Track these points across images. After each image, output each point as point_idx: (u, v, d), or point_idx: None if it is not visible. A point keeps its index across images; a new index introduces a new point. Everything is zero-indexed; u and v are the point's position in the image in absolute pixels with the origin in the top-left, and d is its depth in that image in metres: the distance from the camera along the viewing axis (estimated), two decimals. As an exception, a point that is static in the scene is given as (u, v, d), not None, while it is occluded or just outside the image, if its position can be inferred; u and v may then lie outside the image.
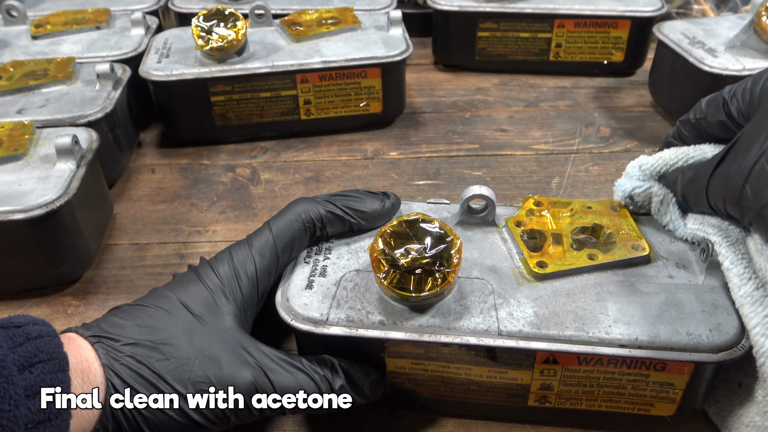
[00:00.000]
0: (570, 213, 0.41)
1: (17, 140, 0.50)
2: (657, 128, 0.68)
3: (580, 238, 0.39)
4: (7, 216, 0.44)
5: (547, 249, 0.38)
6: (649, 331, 0.34)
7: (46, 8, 0.77)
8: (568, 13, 0.73)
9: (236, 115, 0.65)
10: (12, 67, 0.61)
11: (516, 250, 0.39)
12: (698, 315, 0.35)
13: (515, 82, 0.77)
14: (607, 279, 0.37)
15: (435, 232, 0.36)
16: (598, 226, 0.40)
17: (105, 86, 0.59)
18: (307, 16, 0.69)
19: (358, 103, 0.66)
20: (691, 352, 0.34)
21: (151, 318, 0.35)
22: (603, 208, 0.42)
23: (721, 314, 0.35)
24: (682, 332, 0.34)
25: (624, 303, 0.36)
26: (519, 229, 0.40)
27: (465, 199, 0.40)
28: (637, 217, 0.42)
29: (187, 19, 0.70)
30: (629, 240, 0.39)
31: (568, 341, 0.34)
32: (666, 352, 0.34)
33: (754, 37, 0.61)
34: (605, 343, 0.34)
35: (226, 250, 0.39)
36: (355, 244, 0.40)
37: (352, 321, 0.35)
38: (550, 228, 0.40)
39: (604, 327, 0.34)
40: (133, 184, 0.62)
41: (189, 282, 0.37)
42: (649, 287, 0.37)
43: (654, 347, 0.34)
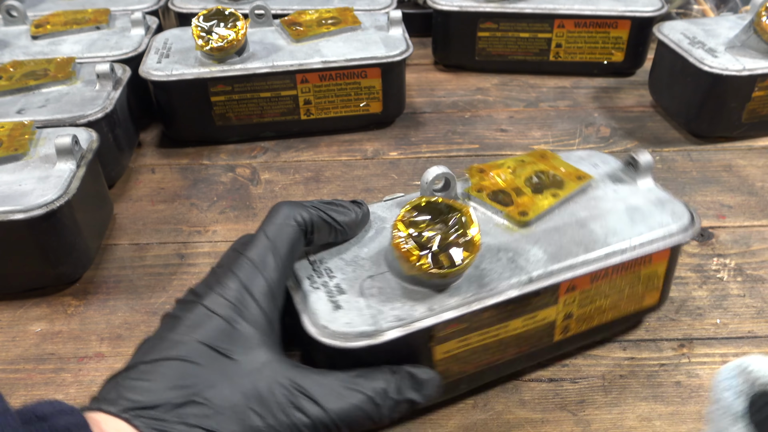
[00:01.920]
0: (511, 170, 0.44)
1: (17, 140, 0.50)
2: (657, 128, 0.68)
3: (535, 184, 0.43)
4: (7, 216, 0.44)
5: (516, 200, 0.42)
6: (634, 233, 0.40)
7: (46, 8, 0.77)
8: (568, 13, 0.73)
9: (236, 115, 0.65)
10: (12, 67, 0.61)
11: (492, 210, 0.42)
12: (655, 210, 0.41)
13: (515, 82, 0.77)
14: (574, 208, 0.42)
15: (444, 207, 0.37)
16: (541, 171, 0.44)
17: (105, 86, 0.59)
18: (307, 16, 0.69)
19: (358, 103, 0.66)
20: (670, 238, 0.40)
21: (177, 372, 0.30)
22: (533, 158, 0.46)
23: (668, 204, 0.42)
24: (655, 226, 0.40)
25: (601, 221, 0.41)
26: (482, 194, 0.42)
27: (428, 182, 0.41)
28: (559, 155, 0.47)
29: (187, 19, 0.70)
30: (570, 174, 0.44)
31: (583, 265, 0.38)
32: (654, 244, 0.39)
33: (754, 37, 0.61)
34: (611, 255, 0.38)
35: (226, 271, 0.34)
36: (348, 255, 0.39)
37: (402, 319, 0.35)
38: (505, 185, 0.43)
39: (601, 243, 0.39)
40: (133, 184, 0.62)
41: (200, 318, 0.32)
42: (608, 203, 0.42)
43: (645, 244, 0.39)
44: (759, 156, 0.63)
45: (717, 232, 0.54)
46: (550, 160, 0.45)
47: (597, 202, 0.42)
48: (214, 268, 0.35)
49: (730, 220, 0.55)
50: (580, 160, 0.47)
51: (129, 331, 0.46)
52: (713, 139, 0.65)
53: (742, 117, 0.63)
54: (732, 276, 0.49)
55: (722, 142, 0.65)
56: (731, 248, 0.52)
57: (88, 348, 0.45)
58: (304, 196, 0.59)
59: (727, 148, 0.64)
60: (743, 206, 0.57)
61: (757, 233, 0.54)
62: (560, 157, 0.46)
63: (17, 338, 0.46)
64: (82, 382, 0.42)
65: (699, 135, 0.66)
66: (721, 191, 0.59)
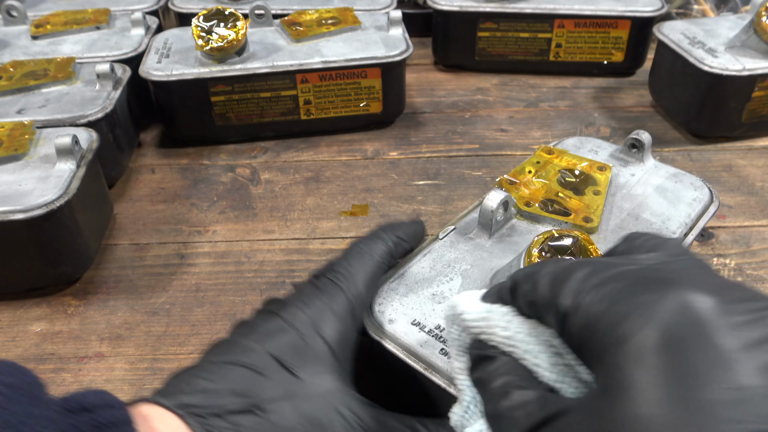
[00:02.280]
0: (533, 173, 0.45)
1: (17, 140, 0.50)
2: (657, 128, 0.68)
3: (568, 184, 0.44)
4: (7, 216, 0.44)
5: (569, 206, 0.42)
6: (682, 214, 0.43)
7: (46, 8, 0.77)
8: (568, 13, 0.73)
9: (236, 115, 0.65)
10: (12, 67, 0.61)
11: (553, 223, 0.42)
12: (679, 186, 0.45)
13: (515, 82, 0.77)
14: (616, 201, 0.44)
15: (572, 243, 0.35)
16: (564, 168, 0.45)
17: (105, 86, 0.59)
18: (307, 16, 0.69)
19: (358, 103, 0.66)
20: (708, 209, 0.44)
21: (241, 378, 0.29)
22: (544, 156, 0.46)
23: (682, 177, 0.46)
24: (691, 201, 0.44)
25: (646, 209, 0.43)
26: (534, 207, 0.42)
27: (494, 210, 0.40)
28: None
29: (187, 19, 0.70)
30: (591, 167, 0.45)
31: None
32: (701, 220, 0.43)
33: (754, 37, 0.61)
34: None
35: (310, 287, 0.34)
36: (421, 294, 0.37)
37: None
38: (545, 192, 0.44)
39: (665, 230, 0.42)
40: (133, 184, 0.62)
41: (275, 328, 0.31)
42: (637, 189, 0.45)
43: (694, 221, 0.43)
44: (759, 156, 0.63)
45: (717, 232, 0.54)
46: (559, 155, 0.46)
47: (629, 191, 0.45)
48: (297, 284, 0.35)
49: (730, 220, 0.55)
50: (578, 149, 0.48)
51: (129, 331, 0.46)
52: (713, 139, 0.65)
53: (742, 117, 0.63)
54: (732, 276, 0.49)
55: (722, 142, 0.65)
56: (731, 248, 0.52)
57: (88, 348, 0.45)
58: (304, 197, 0.59)
59: (727, 148, 0.64)
60: (743, 206, 0.57)
61: (757, 233, 0.54)
62: (566, 150, 0.47)
63: (17, 338, 0.46)
64: (82, 382, 0.42)
65: (699, 135, 0.66)
66: (721, 191, 0.59)
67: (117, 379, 0.42)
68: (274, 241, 0.54)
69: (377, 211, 0.57)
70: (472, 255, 0.40)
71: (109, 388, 0.41)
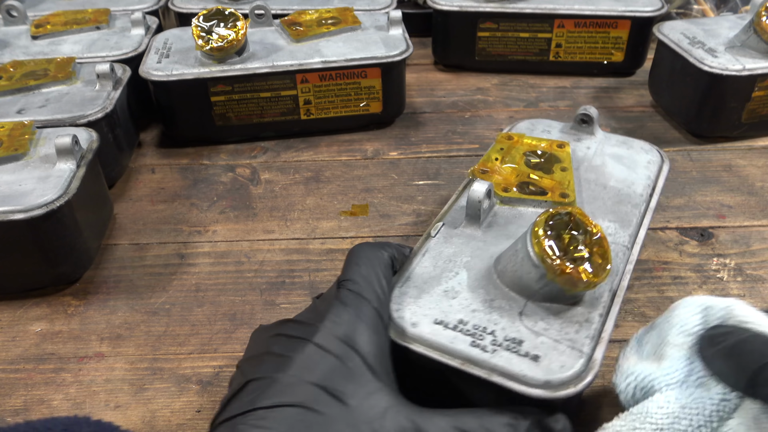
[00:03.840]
0: (500, 160, 0.46)
1: (17, 140, 0.50)
2: (657, 128, 0.68)
3: (535, 165, 0.46)
4: (7, 216, 0.44)
5: (543, 186, 0.44)
6: (642, 177, 0.47)
7: (46, 8, 0.77)
8: (568, 13, 0.73)
9: (236, 115, 0.65)
10: (12, 67, 0.61)
11: (532, 204, 0.43)
12: (632, 152, 0.49)
13: (515, 82, 0.77)
14: (582, 175, 0.47)
15: (566, 218, 0.36)
16: (527, 151, 0.47)
17: (105, 86, 0.59)
18: (307, 16, 0.69)
19: (358, 103, 0.66)
20: (662, 169, 0.48)
21: (296, 419, 0.28)
22: (505, 142, 0.48)
23: (632, 143, 0.50)
24: (647, 164, 0.48)
25: (610, 178, 0.46)
26: (511, 192, 0.44)
27: (480, 201, 0.41)
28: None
29: (187, 19, 0.70)
30: (551, 145, 0.48)
31: (643, 223, 0.44)
32: (660, 180, 0.47)
33: (754, 37, 0.61)
34: (648, 208, 0.45)
35: (333, 302, 0.33)
36: (461, 304, 0.36)
37: (592, 336, 0.34)
38: (518, 176, 0.45)
39: (635, 195, 0.45)
40: (133, 184, 0.62)
41: (313, 358, 0.30)
42: (596, 160, 0.48)
43: (654, 182, 0.47)
44: (759, 156, 0.63)
45: (717, 232, 0.54)
46: (518, 138, 0.48)
47: (589, 163, 0.48)
48: (316, 300, 0.34)
49: (730, 220, 0.55)
50: (532, 131, 0.51)
51: (129, 331, 0.46)
52: (713, 139, 0.65)
53: (742, 117, 0.63)
54: (732, 276, 0.49)
55: (722, 142, 0.65)
56: (731, 248, 0.52)
57: (88, 348, 0.45)
58: (304, 196, 0.59)
59: (727, 148, 0.64)
60: (743, 206, 0.57)
61: (757, 233, 0.54)
62: (523, 134, 0.49)
63: (17, 338, 0.46)
64: (82, 382, 0.42)
65: (699, 135, 0.66)
66: (721, 191, 0.59)
67: (117, 379, 0.42)
68: (274, 241, 0.54)
69: (377, 211, 0.57)
70: (468, 247, 0.40)
71: (109, 388, 0.42)
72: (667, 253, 0.52)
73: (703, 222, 0.55)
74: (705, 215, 0.56)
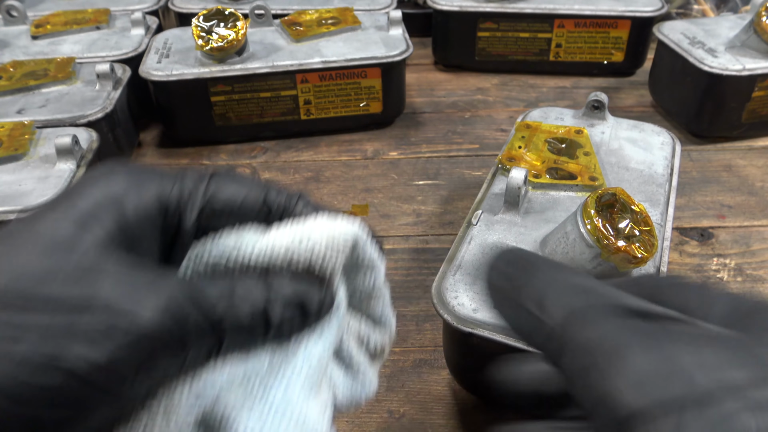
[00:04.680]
0: (525, 148, 0.47)
1: (17, 140, 0.50)
2: (657, 128, 0.68)
3: (559, 150, 0.47)
4: (7, 216, 0.44)
5: (571, 171, 0.45)
6: (660, 158, 0.48)
7: (46, 8, 0.77)
8: (568, 13, 0.73)
9: (236, 115, 0.65)
10: (12, 67, 0.61)
11: (564, 188, 0.44)
12: (644, 135, 0.50)
13: (515, 82, 0.77)
14: (604, 158, 0.48)
15: (613, 199, 0.37)
16: (549, 138, 0.48)
17: (105, 86, 0.59)
18: (307, 16, 0.69)
19: (358, 103, 0.66)
20: (676, 149, 0.50)
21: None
22: (525, 131, 0.49)
23: (643, 127, 0.52)
24: (661, 146, 0.50)
25: (630, 160, 0.48)
26: (543, 177, 0.45)
27: (519, 186, 0.41)
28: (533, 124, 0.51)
29: (187, 19, 0.70)
30: (569, 132, 0.49)
31: (671, 201, 0.45)
32: (676, 159, 0.49)
33: (754, 37, 0.61)
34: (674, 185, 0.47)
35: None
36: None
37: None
38: (545, 162, 0.46)
39: (657, 176, 0.46)
40: (133, 184, 0.62)
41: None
42: (613, 144, 0.49)
43: (670, 161, 0.48)
44: (759, 156, 0.63)
45: (717, 232, 0.54)
46: (537, 127, 0.49)
47: (607, 147, 0.49)
48: None
49: (730, 220, 0.55)
50: (546, 119, 0.52)
51: (129, 331, 0.46)
52: (713, 139, 0.65)
53: (742, 117, 0.63)
54: (732, 276, 0.49)
55: (722, 142, 0.65)
56: (731, 248, 0.52)
57: (88, 348, 0.45)
58: (304, 196, 0.59)
59: (727, 148, 0.64)
60: (743, 206, 0.57)
61: (757, 233, 0.54)
62: (540, 122, 0.50)
63: (17, 338, 0.46)
64: (82, 382, 0.42)
65: (699, 135, 0.66)
66: (721, 191, 0.59)
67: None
68: (274, 241, 0.54)
69: (377, 211, 0.57)
70: (510, 233, 0.41)
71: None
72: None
73: (703, 222, 0.55)
74: (705, 215, 0.56)
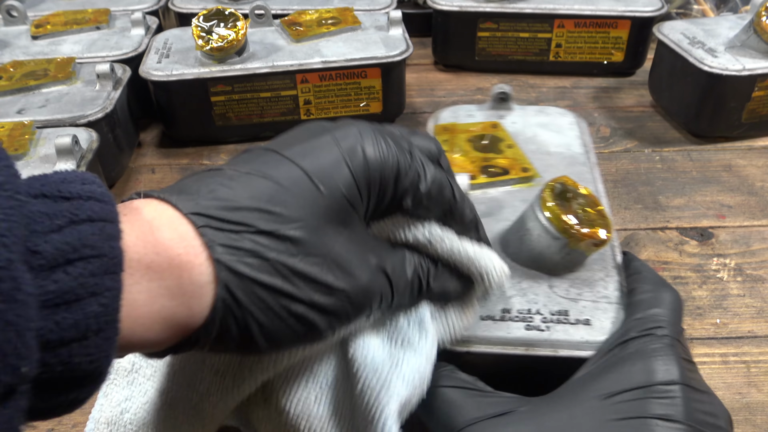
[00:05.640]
0: (450, 152, 0.47)
1: (17, 140, 0.50)
2: (657, 128, 0.68)
3: (484, 146, 0.48)
4: (7, 216, 0.44)
5: (501, 165, 0.46)
6: (573, 137, 0.50)
7: (46, 8, 0.77)
8: (568, 13, 0.73)
9: (236, 115, 0.65)
10: (12, 67, 0.61)
11: (500, 184, 0.45)
12: (553, 118, 0.52)
13: (515, 82, 0.77)
14: (524, 147, 0.48)
15: (569, 189, 0.38)
16: (474, 137, 0.49)
17: (105, 86, 0.59)
18: (307, 16, 0.69)
19: (358, 103, 0.66)
20: (582, 128, 0.51)
21: (270, 191, 0.25)
22: (444, 134, 0.49)
23: (550, 111, 0.53)
24: (569, 126, 0.51)
25: (549, 144, 0.49)
26: (479, 178, 0.45)
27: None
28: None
29: (187, 19, 0.70)
30: (486, 127, 0.50)
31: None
32: (586, 135, 0.50)
33: (754, 37, 0.61)
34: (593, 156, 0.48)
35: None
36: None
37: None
38: (474, 162, 0.46)
39: (578, 154, 0.48)
40: (133, 185, 0.62)
41: (319, 146, 0.28)
42: (528, 132, 0.50)
43: (584, 139, 0.51)
44: (759, 156, 0.63)
45: (717, 232, 0.54)
46: (454, 128, 0.50)
47: (523, 136, 0.50)
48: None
49: (730, 220, 0.55)
50: (458, 118, 0.52)
51: (129, 331, 0.46)
52: (713, 139, 0.65)
53: (742, 117, 0.63)
54: (732, 276, 0.49)
55: (722, 142, 0.65)
56: (731, 248, 0.52)
57: (88, 348, 0.45)
58: (304, 196, 0.59)
59: (727, 148, 0.64)
60: (743, 206, 0.57)
61: (757, 233, 0.54)
62: (454, 123, 0.51)
63: (17, 338, 0.46)
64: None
65: (699, 135, 0.66)
66: (721, 191, 0.59)
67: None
68: (274, 241, 0.54)
69: (377, 211, 0.57)
70: None
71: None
72: (667, 253, 0.52)
73: (703, 222, 0.55)
74: (705, 215, 0.56)
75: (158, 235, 0.23)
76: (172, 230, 0.23)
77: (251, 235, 0.24)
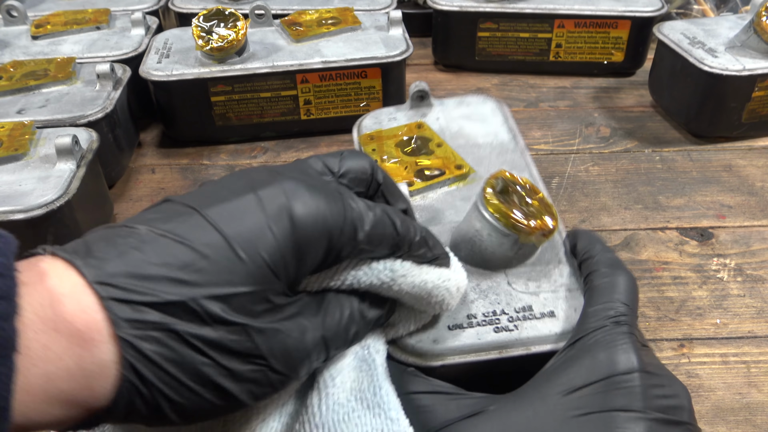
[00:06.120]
0: (379, 161, 0.46)
1: (17, 140, 0.50)
2: (657, 128, 0.68)
3: (414, 149, 0.47)
4: (7, 216, 0.44)
5: (437, 166, 0.45)
6: (498, 123, 0.51)
7: (46, 8, 0.77)
8: (568, 13, 0.73)
9: (236, 115, 0.65)
10: (12, 67, 0.61)
11: (438, 185, 0.44)
12: (479, 107, 0.52)
13: (515, 82, 0.77)
14: (451, 143, 0.48)
15: (511, 183, 0.38)
16: (404, 140, 0.48)
17: (105, 86, 0.59)
18: (307, 16, 0.69)
19: (358, 103, 0.66)
20: (506, 114, 0.52)
21: (184, 257, 0.24)
22: (369, 141, 0.49)
23: (470, 99, 0.53)
24: (493, 113, 0.52)
25: (477, 136, 0.49)
26: (420, 182, 0.44)
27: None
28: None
29: (187, 19, 0.70)
30: (411, 129, 0.49)
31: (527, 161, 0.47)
32: (509, 121, 0.51)
33: (754, 37, 0.61)
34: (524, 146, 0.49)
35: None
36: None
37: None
38: (408, 165, 0.46)
39: (508, 142, 0.49)
40: (133, 185, 0.62)
41: (243, 210, 0.26)
42: (453, 126, 0.50)
43: (511, 126, 0.51)
44: (759, 156, 0.63)
45: (717, 232, 0.54)
46: (379, 134, 0.49)
47: (450, 131, 0.50)
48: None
49: (730, 220, 0.55)
50: (381, 124, 0.52)
51: (129, 331, 0.46)
52: (713, 139, 0.65)
53: (742, 117, 0.63)
54: (732, 276, 0.49)
55: (722, 142, 0.65)
56: (731, 248, 0.52)
57: (88, 348, 0.45)
58: (304, 196, 0.59)
59: (727, 148, 0.64)
60: (743, 206, 0.57)
61: (757, 233, 0.54)
62: (378, 129, 0.50)
63: (17, 338, 0.46)
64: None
65: (699, 135, 0.66)
66: (721, 191, 0.59)
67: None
68: (274, 241, 0.54)
69: (377, 211, 0.57)
70: None
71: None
72: (667, 253, 0.52)
73: (703, 222, 0.55)
74: (705, 215, 0.56)
75: (59, 309, 0.21)
76: (75, 302, 0.22)
77: (160, 306, 0.22)
